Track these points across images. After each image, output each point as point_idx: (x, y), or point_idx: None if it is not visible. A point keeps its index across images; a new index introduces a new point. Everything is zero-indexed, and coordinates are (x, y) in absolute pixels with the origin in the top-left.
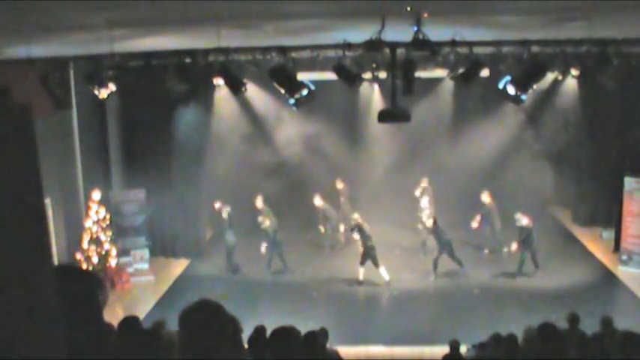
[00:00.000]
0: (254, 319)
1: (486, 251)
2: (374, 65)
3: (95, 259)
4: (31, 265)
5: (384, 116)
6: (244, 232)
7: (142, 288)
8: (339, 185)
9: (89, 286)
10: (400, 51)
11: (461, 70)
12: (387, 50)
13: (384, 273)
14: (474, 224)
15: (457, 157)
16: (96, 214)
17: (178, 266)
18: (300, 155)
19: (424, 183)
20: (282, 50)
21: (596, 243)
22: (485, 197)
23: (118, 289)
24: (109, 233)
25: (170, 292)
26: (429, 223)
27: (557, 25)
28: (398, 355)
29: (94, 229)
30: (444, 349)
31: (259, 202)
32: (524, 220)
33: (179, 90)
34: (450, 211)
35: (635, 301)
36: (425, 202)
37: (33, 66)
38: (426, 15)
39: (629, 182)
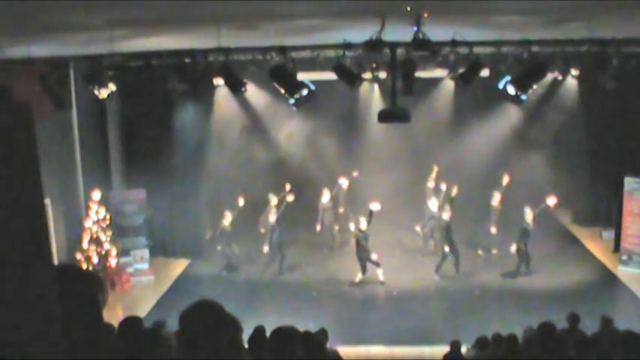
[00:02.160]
0: (254, 319)
1: (493, 252)
2: (374, 65)
3: (95, 259)
4: (31, 265)
5: (384, 116)
6: (244, 231)
7: (142, 288)
8: (344, 186)
9: (89, 286)
10: (400, 51)
11: (461, 70)
12: (387, 50)
13: (380, 274)
14: (493, 230)
15: (457, 157)
16: (96, 214)
17: (178, 266)
18: (299, 155)
19: (434, 173)
20: (282, 50)
21: (596, 243)
22: (496, 200)
23: (118, 289)
24: (109, 233)
25: (170, 292)
26: (446, 215)
27: (557, 25)
28: (398, 355)
29: (94, 229)
30: (444, 349)
31: (273, 201)
32: (529, 216)
33: (179, 90)
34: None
35: (635, 301)
36: (434, 201)
37: (33, 66)
38: (426, 15)
39: (629, 182)
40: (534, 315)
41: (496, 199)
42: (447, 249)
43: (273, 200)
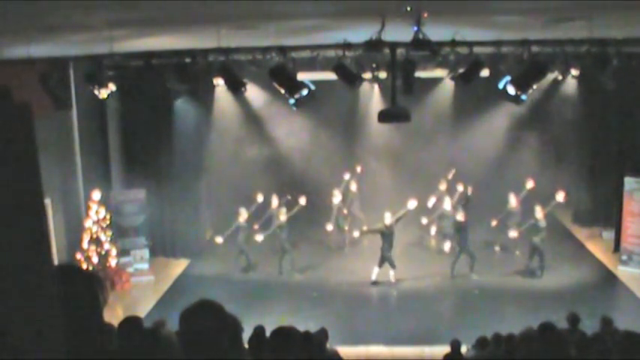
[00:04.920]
0: (254, 319)
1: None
2: (374, 65)
3: (95, 259)
4: (31, 265)
5: (384, 116)
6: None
7: (142, 288)
8: (352, 187)
9: (89, 286)
10: (400, 51)
11: (461, 70)
12: (387, 50)
13: (392, 275)
14: (515, 234)
15: (457, 157)
16: (96, 214)
17: (178, 266)
18: (299, 156)
19: (450, 175)
20: (282, 50)
21: (596, 243)
22: (513, 200)
23: (118, 289)
24: (109, 233)
25: (170, 292)
26: (460, 216)
27: (557, 25)
28: (398, 355)
29: (94, 229)
30: (444, 349)
31: (274, 202)
32: (540, 213)
33: (179, 90)
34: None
35: (635, 301)
36: (447, 201)
37: (33, 66)
38: (425, 15)
39: (629, 182)
40: (534, 315)
41: (512, 200)
42: (458, 249)
43: (275, 201)
